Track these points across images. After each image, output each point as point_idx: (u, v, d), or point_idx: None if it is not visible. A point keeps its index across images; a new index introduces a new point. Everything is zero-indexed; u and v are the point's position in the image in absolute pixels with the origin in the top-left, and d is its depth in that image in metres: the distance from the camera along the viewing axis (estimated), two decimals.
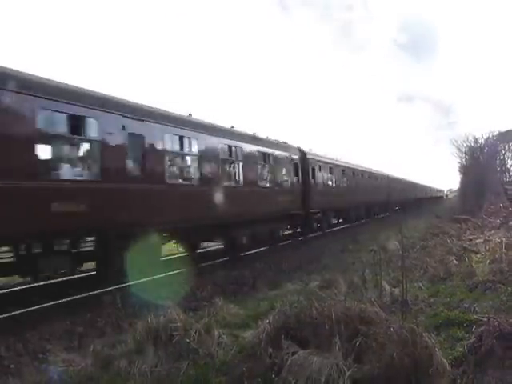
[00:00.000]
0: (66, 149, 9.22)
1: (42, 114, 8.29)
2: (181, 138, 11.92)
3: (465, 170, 41.38)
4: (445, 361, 4.02)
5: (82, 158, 9.55)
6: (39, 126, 8.18)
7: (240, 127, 16.11)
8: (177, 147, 11.88)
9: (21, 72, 8.26)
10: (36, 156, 8.29)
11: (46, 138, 8.65)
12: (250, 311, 7.00)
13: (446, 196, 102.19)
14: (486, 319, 4.66)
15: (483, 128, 37.78)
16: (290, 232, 20.49)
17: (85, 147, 9.57)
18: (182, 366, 4.67)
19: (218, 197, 12.83)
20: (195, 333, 5.18)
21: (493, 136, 34.32)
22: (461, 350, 4.54)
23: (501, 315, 4.83)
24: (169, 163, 11.57)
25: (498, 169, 34.35)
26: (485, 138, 35.33)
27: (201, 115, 13.87)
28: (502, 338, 4.26)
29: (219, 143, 13.54)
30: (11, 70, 8.05)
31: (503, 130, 33.88)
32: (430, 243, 14.95)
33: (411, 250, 13.28)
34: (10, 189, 7.64)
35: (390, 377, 3.85)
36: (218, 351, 5.02)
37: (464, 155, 40.29)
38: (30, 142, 8.07)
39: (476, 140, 36.78)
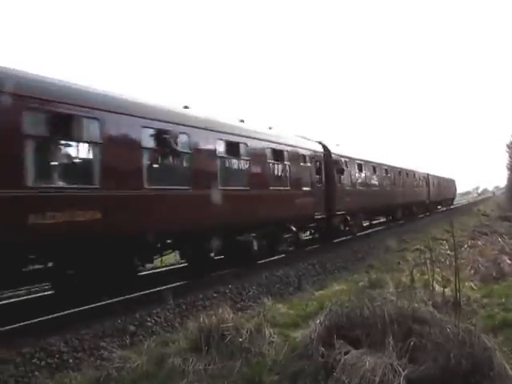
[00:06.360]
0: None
1: None
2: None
3: None
4: (505, 364, 3.92)
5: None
6: None
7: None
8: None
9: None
10: None
11: None
12: (299, 311, 7.00)
13: (493, 194, 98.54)
14: None
15: None
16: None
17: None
18: (235, 364, 4.74)
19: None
20: (246, 332, 5.25)
21: None
22: None
23: None
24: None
25: None
26: None
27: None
28: None
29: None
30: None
31: None
32: (479, 242, 14.51)
33: (459, 249, 12.92)
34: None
35: (447, 378, 3.78)
36: (269, 350, 5.07)
37: None
38: None
39: None
